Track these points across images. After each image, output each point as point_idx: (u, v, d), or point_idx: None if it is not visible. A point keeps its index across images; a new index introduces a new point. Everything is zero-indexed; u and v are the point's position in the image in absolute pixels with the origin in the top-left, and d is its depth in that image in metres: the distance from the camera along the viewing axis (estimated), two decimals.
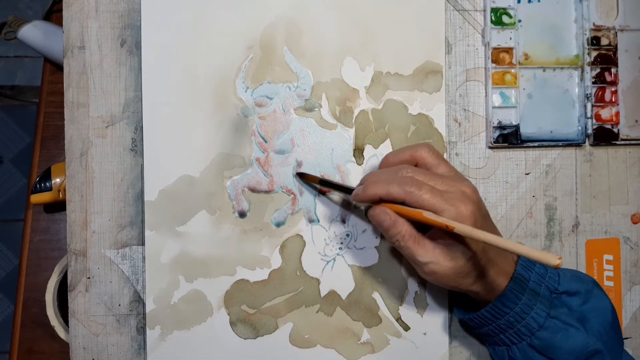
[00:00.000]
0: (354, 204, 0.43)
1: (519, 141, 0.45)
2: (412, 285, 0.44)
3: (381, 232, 0.37)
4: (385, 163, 0.40)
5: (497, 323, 0.38)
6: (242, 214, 0.43)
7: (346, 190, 0.40)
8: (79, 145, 0.43)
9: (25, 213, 0.58)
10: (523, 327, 0.37)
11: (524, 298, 0.37)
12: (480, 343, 0.44)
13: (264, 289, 0.43)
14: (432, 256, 0.36)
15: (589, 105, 0.46)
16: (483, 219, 0.36)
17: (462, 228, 0.33)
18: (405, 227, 0.36)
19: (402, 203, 0.36)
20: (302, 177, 0.43)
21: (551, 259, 0.29)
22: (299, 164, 0.43)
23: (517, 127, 0.45)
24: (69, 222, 0.43)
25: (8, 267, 1.26)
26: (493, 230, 0.39)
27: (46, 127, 0.59)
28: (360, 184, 0.39)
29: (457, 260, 0.36)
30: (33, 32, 0.57)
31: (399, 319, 0.44)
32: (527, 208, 0.45)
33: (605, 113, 0.46)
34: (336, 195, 0.44)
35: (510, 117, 0.45)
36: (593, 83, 0.46)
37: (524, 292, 0.37)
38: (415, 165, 0.39)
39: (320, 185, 0.43)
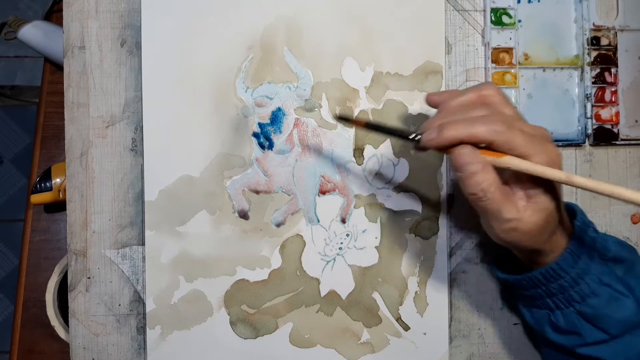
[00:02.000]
0: (413, 152, 0.39)
1: None
2: (412, 285, 0.44)
3: (459, 180, 0.32)
4: (446, 106, 0.34)
5: (548, 286, 0.35)
6: (242, 214, 0.43)
7: (403, 134, 0.35)
8: (79, 145, 0.43)
9: (26, 213, 0.58)
10: (575, 293, 0.35)
11: (580, 262, 0.35)
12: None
13: (264, 289, 0.43)
14: (516, 212, 0.31)
15: (588, 105, 0.46)
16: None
17: (581, 180, 0.29)
18: (493, 175, 0.31)
19: (483, 147, 0.32)
20: (345, 120, 0.40)
21: None
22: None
23: None
24: (69, 222, 0.43)
25: (8, 267, 1.26)
26: None
27: (46, 127, 0.59)
28: (422, 131, 0.33)
29: (541, 214, 0.32)
30: (33, 32, 0.57)
31: (399, 319, 0.44)
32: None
33: (605, 113, 0.46)
34: (336, 197, 0.44)
35: None
36: (593, 83, 0.46)
37: (581, 256, 0.35)
38: None
39: (367, 129, 0.38)
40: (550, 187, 0.32)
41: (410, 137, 0.34)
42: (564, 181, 0.30)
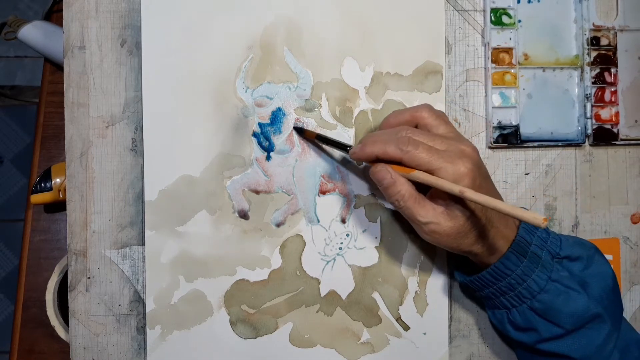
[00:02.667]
0: (353, 162, 0.43)
1: (519, 141, 0.45)
2: (412, 285, 0.44)
3: (381, 191, 0.38)
4: (386, 124, 0.40)
5: (498, 285, 0.38)
6: (242, 214, 0.43)
7: (342, 147, 0.40)
8: (79, 145, 0.43)
9: (25, 213, 0.58)
10: (524, 290, 0.37)
11: (525, 261, 0.37)
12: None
13: (264, 289, 0.43)
14: (432, 216, 0.36)
15: (588, 106, 0.46)
16: (482, 179, 0.36)
17: (471, 194, 0.33)
18: (405, 187, 0.36)
19: (399, 164, 0.36)
20: (300, 132, 0.43)
21: (537, 219, 0.30)
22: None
23: (516, 127, 0.45)
24: (69, 222, 0.43)
25: (8, 267, 1.26)
26: (494, 191, 0.39)
27: (46, 127, 0.59)
28: (359, 143, 0.39)
29: (457, 220, 0.36)
30: (33, 32, 0.57)
31: (399, 319, 0.44)
32: (527, 208, 0.45)
33: (605, 113, 0.46)
34: (336, 197, 0.44)
35: (510, 117, 0.45)
36: (593, 83, 0.46)
37: (526, 255, 0.37)
38: (416, 127, 0.39)
39: (317, 140, 0.43)
40: (459, 199, 0.35)
41: (347, 149, 0.40)
42: (457, 194, 0.34)
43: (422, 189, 0.37)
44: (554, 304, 0.37)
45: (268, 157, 0.43)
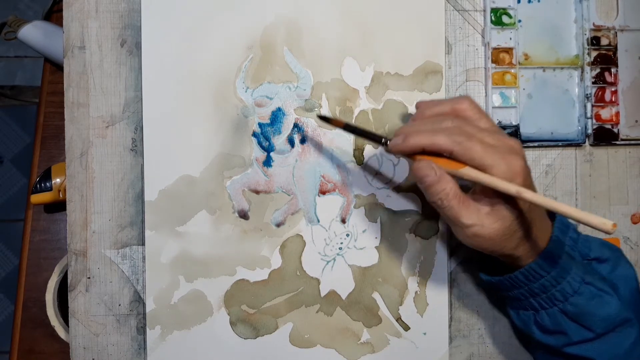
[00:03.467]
0: (387, 154, 0.41)
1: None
2: (412, 285, 0.44)
3: (421, 189, 0.35)
4: (421, 115, 0.36)
5: (530, 286, 0.36)
6: (242, 214, 0.43)
7: (375, 138, 0.37)
8: (79, 145, 0.43)
9: (25, 213, 0.58)
10: (557, 292, 0.36)
11: (561, 262, 0.35)
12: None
13: (264, 289, 0.43)
14: (476, 218, 0.33)
15: (588, 105, 0.46)
16: (529, 176, 0.34)
17: (530, 196, 0.31)
18: (450, 185, 0.33)
19: (446, 157, 0.33)
20: (326, 120, 0.40)
21: (606, 225, 0.29)
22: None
23: (517, 127, 0.45)
24: (69, 222, 0.43)
25: (8, 267, 1.26)
26: (535, 188, 0.36)
27: (46, 127, 0.59)
28: (395, 135, 0.36)
29: (504, 221, 0.33)
30: (33, 32, 0.57)
31: (399, 319, 0.44)
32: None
33: (605, 113, 0.46)
34: (336, 197, 0.44)
35: (510, 117, 0.45)
36: (593, 83, 0.46)
37: (562, 256, 0.36)
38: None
39: (345, 130, 0.39)
40: (510, 198, 0.33)
41: (382, 141, 0.36)
42: (514, 194, 0.31)
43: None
44: (587, 307, 0.35)
45: (268, 157, 0.43)
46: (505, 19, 0.45)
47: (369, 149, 0.44)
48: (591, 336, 0.36)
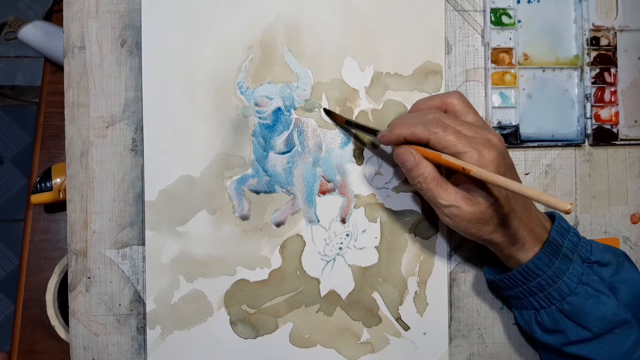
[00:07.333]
0: (380, 146, 0.44)
1: (519, 141, 0.45)
2: (412, 285, 0.44)
3: (405, 174, 0.38)
4: (415, 108, 0.40)
5: (528, 285, 0.38)
6: (242, 214, 0.43)
7: (372, 131, 0.40)
8: (79, 145, 0.43)
9: (26, 213, 0.58)
10: (554, 291, 0.37)
11: (557, 262, 0.37)
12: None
13: (264, 289, 0.43)
14: (453, 200, 0.36)
15: (588, 106, 0.46)
16: (507, 169, 0.36)
17: (479, 171, 0.33)
18: (428, 169, 0.36)
19: (427, 146, 0.36)
20: (329, 114, 0.43)
21: (562, 204, 0.29)
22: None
23: (516, 127, 0.45)
24: (69, 222, 0.43)
25: (8, 267, 1.26)
26: (518, 182, 0.38)
27: (46, 127, 0.59)
28: (388, 127, 0.39)
29: (479, 206, 0.36)
30: (33, 33, 0.57)
31: (399, 319, 0.44)
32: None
33: (605, 113, 0.46)
34: (336, 197, 0.44)
35: (509, 118, 0.45)
36: (592, 83, 0.46)
37: (558, 256, 0.37)
38: (445, 112, 0.39)
39: (347, 125, 0.43)
40: (485, 185, 0.36)
41: (376, 134, 0.39)
42: (460, 170, 0.34)
43: (445, 174, 0.37)
44: (583, 306, 0.37)
45: (268, 157, 0.43)
46: (505, 19, 0.45)
47: (369, 149, 0.44)
48: (589, 336, 0.37)
